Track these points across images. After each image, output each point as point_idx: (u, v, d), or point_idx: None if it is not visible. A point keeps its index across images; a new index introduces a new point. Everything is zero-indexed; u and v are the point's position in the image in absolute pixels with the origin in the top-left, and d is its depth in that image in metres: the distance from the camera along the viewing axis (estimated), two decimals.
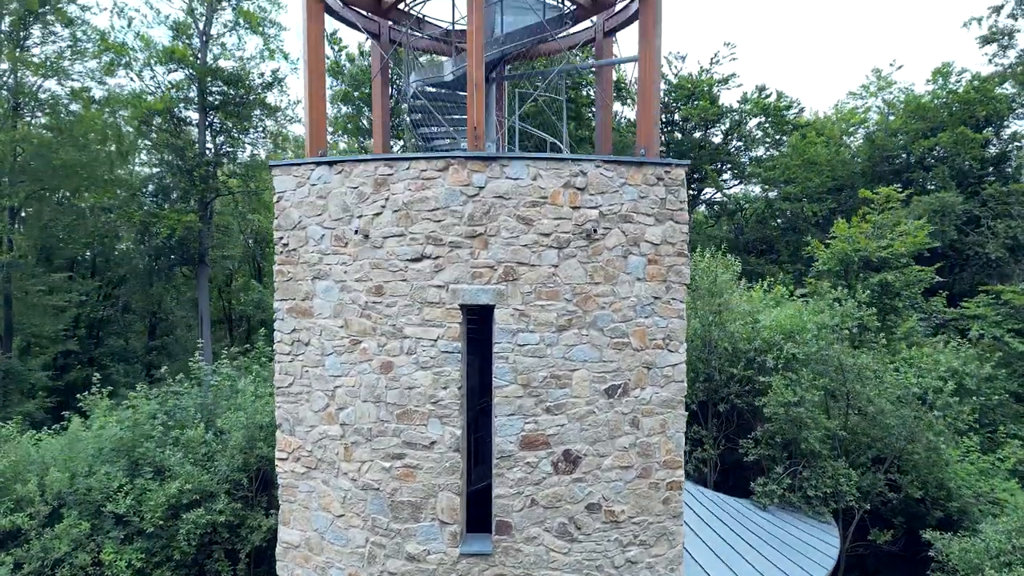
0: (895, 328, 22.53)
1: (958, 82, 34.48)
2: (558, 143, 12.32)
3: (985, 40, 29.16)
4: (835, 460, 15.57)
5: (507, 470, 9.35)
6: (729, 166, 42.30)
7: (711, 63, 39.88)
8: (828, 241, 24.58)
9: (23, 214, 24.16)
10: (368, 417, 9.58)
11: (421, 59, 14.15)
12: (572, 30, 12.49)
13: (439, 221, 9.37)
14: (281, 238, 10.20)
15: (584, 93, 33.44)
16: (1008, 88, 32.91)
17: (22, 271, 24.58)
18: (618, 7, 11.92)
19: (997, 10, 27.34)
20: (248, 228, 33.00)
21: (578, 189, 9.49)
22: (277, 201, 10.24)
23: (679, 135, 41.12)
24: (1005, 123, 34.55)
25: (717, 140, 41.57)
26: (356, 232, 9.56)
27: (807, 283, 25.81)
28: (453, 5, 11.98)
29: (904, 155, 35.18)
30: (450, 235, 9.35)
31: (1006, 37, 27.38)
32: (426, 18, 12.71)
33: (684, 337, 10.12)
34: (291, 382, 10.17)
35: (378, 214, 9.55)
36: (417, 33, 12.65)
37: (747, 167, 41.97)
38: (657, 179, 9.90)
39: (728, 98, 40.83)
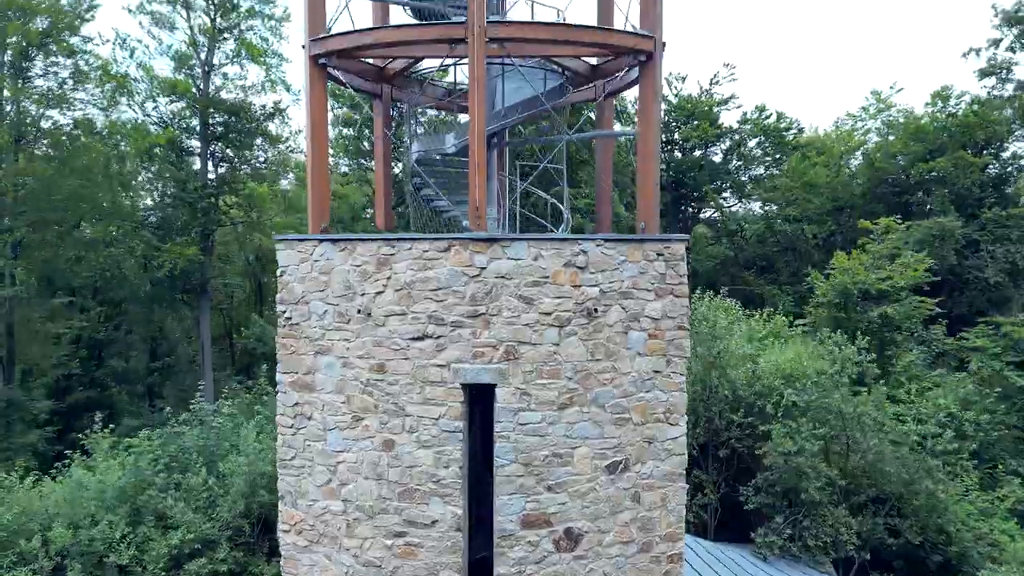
0: (894, 361, 22.62)
1: (957, 105, 34.59)
2: (559, 204, 12.42)
3: (984, 73, 29.31)
4: (835, 507, 15.63)
5: (508, 549, 9.41)
6: (729, 184, 42.45)
7: (711, 83, 40.04)
8: (828, 271, 24.64)
9: (24, 240, 24.18)
10: (370, 494, 9.65)
11: (423, 118, 14.23)
12: (573, 97, 12.58)
13: (441, 301, 9.44)
14: (284, 311, 10.27)
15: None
16: (1008, 110, 33.00)
17: (24, 303, 24.65)
18: (619, 73, 11.99)
19: (996, 43, 27.45)
20: (249, 246, 33.04)
21: (579, 268, 9.56)
22: (281, 275, 10.32)
23: (679, 154, 41.25)
24: (1004, 145, 34.67)
25: (717, 159, 41.73)
26: (359, 312, 9.62)
27: (807, 313, 25.89)
28: (455, 74, 12.06)
29: (904, 177, 35.27)
30: (452, 315, 9.41)
31: (1004, 71, 27.47)
32: (428, 81, 12.80)
33: (685, 409, 10.20)
34: (293, 455, 10.24)
35: (380, 292, 9.61)
36: (419, 95, 12.73)
37: (747, 185, 42.12)
38: (657, 255, 9.97)
39: (728, 118, 40.90)
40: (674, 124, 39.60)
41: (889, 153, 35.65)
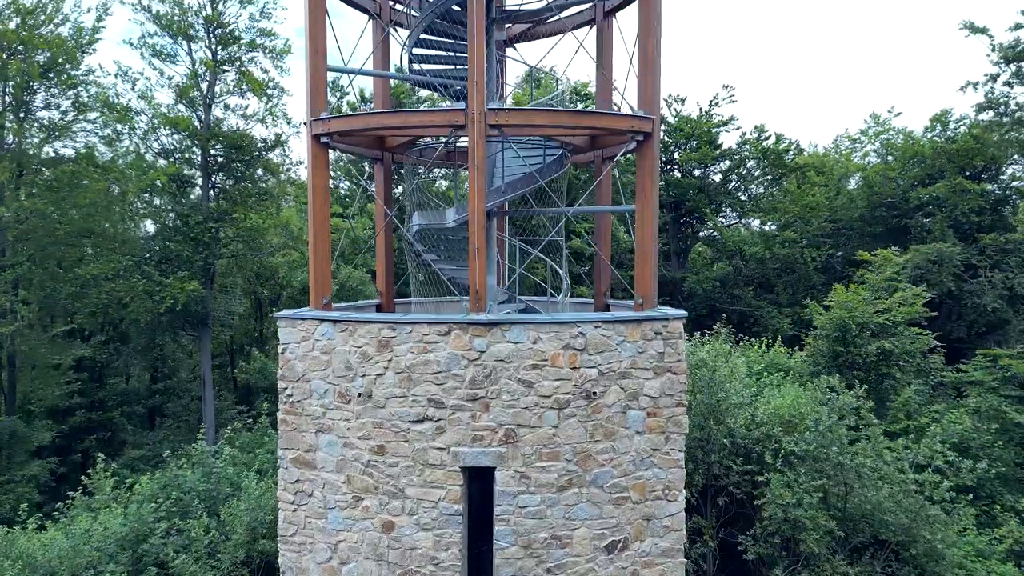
0: (893, 396, 22.68)
1: (956, 129, 34.64)
2: (558, 267, 12.49)
3: (981, 108, 29.40)
4: (833, 555, 15.70)
5: None
6: (729, 203, 42.51)
7: (710, 105, 40.10)
8: (827, 303, 24.70)
9: (25, 275, 24.22)
10: (370, 574, 9.72)
11: (421, 178, 14.27)
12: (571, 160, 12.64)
13: (441, 384, 9.51)
14: (285, 388, 10.35)
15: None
16: (1008, 133, 33.02)
17: (25, 333, 24.70)
18: (617, 146, 12.07)
19: (994, 78, 27.54)
20: (249, 266, 33.08)
21: (577, 350, 9.64)
22: (282, 352, 10.39)
23: (678, 174, 41.29)
24: (1003, 167, 34.72)
25: (717, 177, 41.79)
26: (359, 395, 9.70)
27: (806, 343, 25.95)
28: (455, 147, 12.12)
29: (903, 200, 35.33)
30: (452, 398, 9.49)
31: (1003, 105, 27.56)
32: (428, 146, 12.88)
33: (683, 485, 10.27)
34: (294, 531, 10.31)
35: (381, 375, 9.69)
36: (420, 159, 12.81)
37: (747, 204, 42.18)
38: (655, 333, 10.05)
39: (728, 139, 40.97)
40: (673, 146, 39.67)
41: (888, 177, 35.72)
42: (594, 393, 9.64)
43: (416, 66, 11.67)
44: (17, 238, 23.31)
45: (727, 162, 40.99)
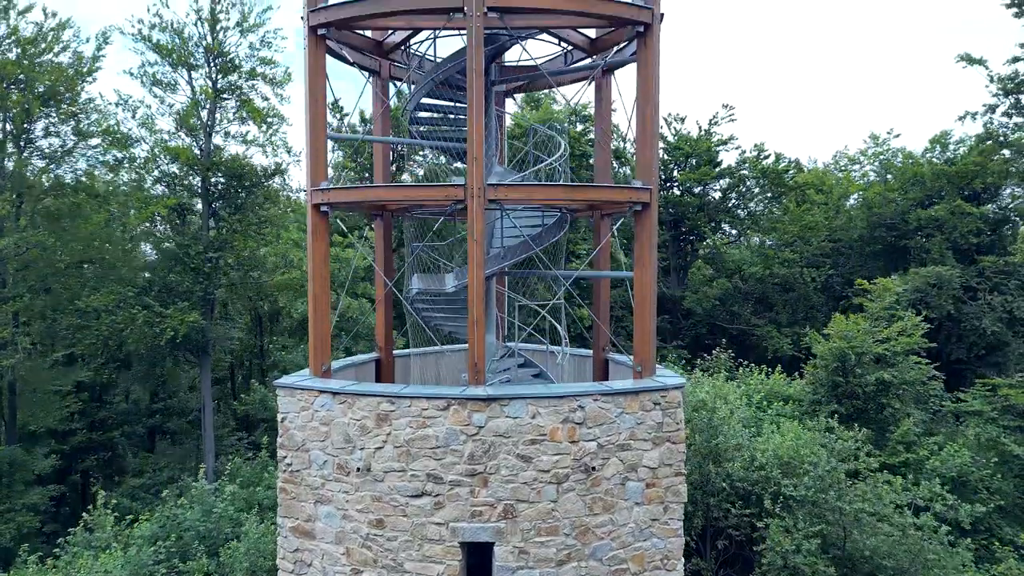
0: (892, 428, 22.69)
1: (956, 151, 34.69)
2: (557, 324, 12.52)
3: (981, 139, 29.46)
4: None
5: None
6: (728, 220, 42.56)
7: (710, 124, 40.15)
8: (826, 333, 24.71)
9: (27, 306, 24.28)
10: None
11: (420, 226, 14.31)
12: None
13: (440, 460, 9.53)
14: (285, 457, 10.38)
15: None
16: (1007, 153, 33.04)
17: (26, 363, 24.73)
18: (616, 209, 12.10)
19: (992, 108, 27.60)
20: (248, 286, 33.14)
21: (576, 423, 9.66)
22: (281, 421, 10.42)
23: (678, 191, 41.33)
24: (1002, 188, 34.76)
25: (716, 195, 41.84)
26: (359, 469, 9.72)
27: (806, 371, 25.95)
28: (454, 219, 12.12)
29: (902, 222, 35.36)
30: (450, 473, 9.51)
31: (1002, 136, 27.61)
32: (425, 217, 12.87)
33: (681, 554, 10.30)
34: None
35: (380, 448, 9.71)
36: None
37: (746, 221, 42.25)
38: (654, 404, 10.07)
39: (727, 157, 41.06)
40: (673, 165, 39.71)
41: (887, 198, 35.73)
42: (593, 468, 9.66)
43: (416, 128, 11.70)
44: (18, 269, 23.36)
45: (727, 180, 41.07)
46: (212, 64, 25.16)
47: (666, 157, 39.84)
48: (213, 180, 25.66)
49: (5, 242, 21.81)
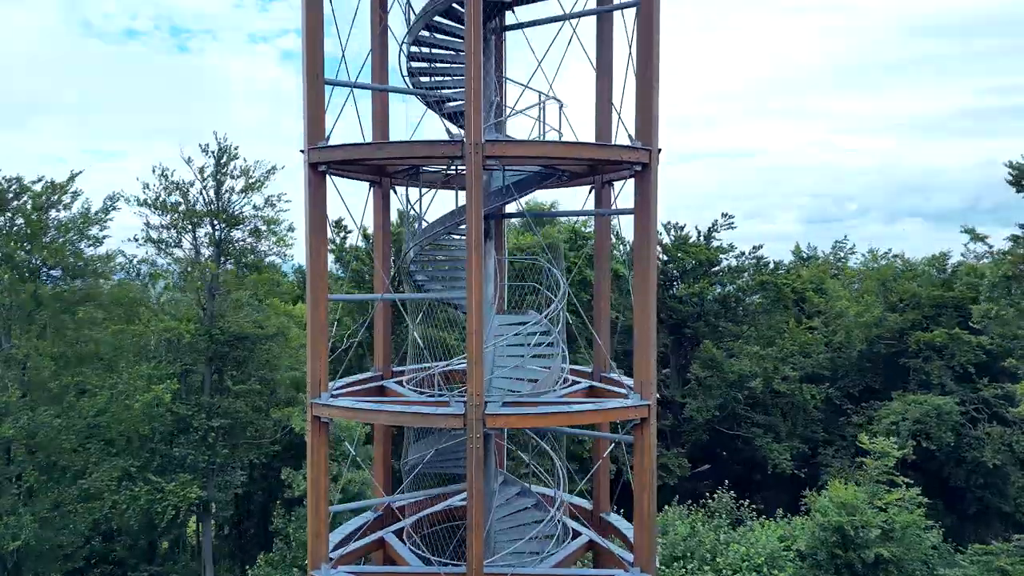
0: None
1: (954, 273, 35.01)
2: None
3: (979, 257, 29.85)
4: None
5: None
6: (727, 326, 42.47)
7: (709, 231, 40.65)
8: (827, 497, 23.98)
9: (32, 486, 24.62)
10: None
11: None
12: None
13: None
14: None
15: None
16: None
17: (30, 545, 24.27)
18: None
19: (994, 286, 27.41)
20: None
21: None
22: None
23: (677, 291, 41.19)
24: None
25: (715, 299, 41.85)
26: None
27: (808, 532, 25.06)
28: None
29: (900, 341, 35.46)
30: None
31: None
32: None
33: None
34: None
35: None
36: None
37: (745, 330, 42.16)
38: None
39: (725, 259, 41.45)
40: (674, 272, 39.98)
41: (887, 309, 35.73)
42: None
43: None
44: (28, 449, 23.77)
45: (726, 286, 41.21)
46: (216, 226, 26.52)
47: (664, 257, 39.75)
48: (216, 340, 26.33)
49: (9, 429, 22.07)
